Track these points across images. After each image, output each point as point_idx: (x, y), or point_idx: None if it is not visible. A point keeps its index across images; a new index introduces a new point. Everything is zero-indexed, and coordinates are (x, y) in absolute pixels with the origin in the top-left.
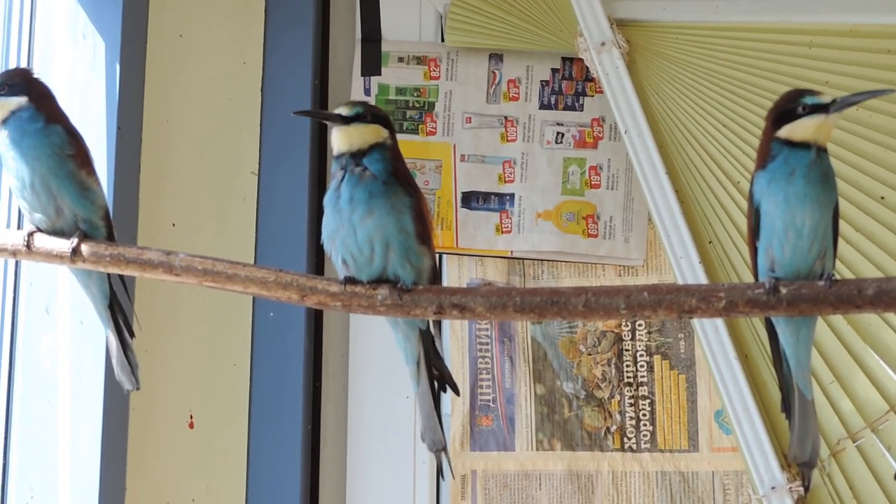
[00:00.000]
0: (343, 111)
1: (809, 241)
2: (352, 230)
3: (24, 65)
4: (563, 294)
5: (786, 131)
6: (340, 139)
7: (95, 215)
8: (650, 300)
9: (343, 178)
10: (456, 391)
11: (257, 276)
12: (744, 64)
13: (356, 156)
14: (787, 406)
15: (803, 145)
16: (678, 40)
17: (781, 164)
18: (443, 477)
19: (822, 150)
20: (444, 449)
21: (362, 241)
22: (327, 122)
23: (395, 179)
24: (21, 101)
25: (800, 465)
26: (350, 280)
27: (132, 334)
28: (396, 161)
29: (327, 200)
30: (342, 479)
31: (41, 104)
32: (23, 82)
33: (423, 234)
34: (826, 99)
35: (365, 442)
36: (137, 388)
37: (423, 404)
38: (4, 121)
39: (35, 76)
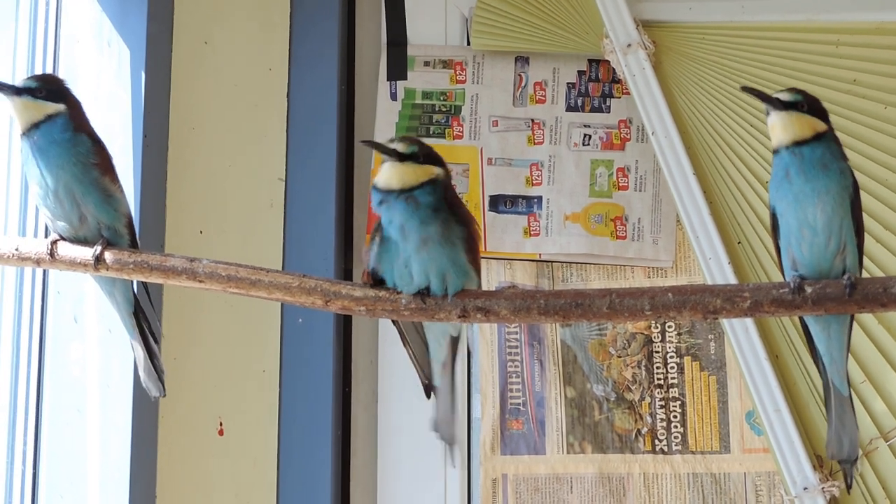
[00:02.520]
0: (400, 147)
1: (825, 236)
2: (406, 261)
3: (49, 73)
4: (588, 296)
5: None
6: (391, 176)
7: (119, 223)
8: (675, 301)
9: (393, 209)
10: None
11: (281, 281)
12: (770, 63)
13: (405, 191)
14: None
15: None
16: (704, 40)
17: (778, 168)
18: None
19: (802, 144)
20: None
21: (418, 272)
22: (383, 155)
23: (446, 210)
24: (59, 107)
25: (839, 461)
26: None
27: (157, 341)
28: (447, 193)
29: (386, 231)
30: (373, 485)
31: (73, 113)
32: (61, 89)
33: (474, 260)
34: (784, 97)
35: (395, 447)
36: (164, 395)
37: (444, 401)
38: (36, 125)
39: (69, 85)
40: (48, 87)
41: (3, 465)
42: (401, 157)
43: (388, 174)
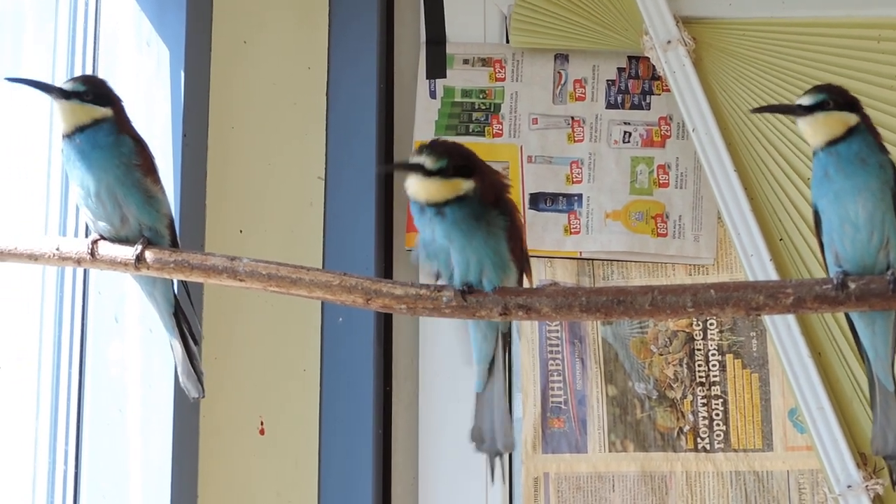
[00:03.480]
0: (427, 163)
1: (867, 232)
2: (448, 257)
3: (89, 73)
4: (630, 293)
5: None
6: (418, 191)
7: (160, 223)
8: (717, 298)
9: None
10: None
11: (321, 280)
12: (811, 59)
13: (438, 205)
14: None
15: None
16: (744, 36)
17: (817, 168)
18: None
19: (837, 142)
20: (500, 454)
21: (461, 263)
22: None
23: (484, 206)
24: (106, 112)
25: (884, 457)
26: (422, 285)
27: (196, 342)
28: (484, 194)
29: (421, 230)
30: (414, 484)
31: (119, 116)
32: (107, 93)
33: (516, 249)
34: (806, 101)
35: (436, 445)
36: (203, 397)
37: (494, 405)
38: (81, 128)
39: (113, 88)
40: (95, 91)
41: (45, 465)
42: (428, 173)
43: (415, 188)
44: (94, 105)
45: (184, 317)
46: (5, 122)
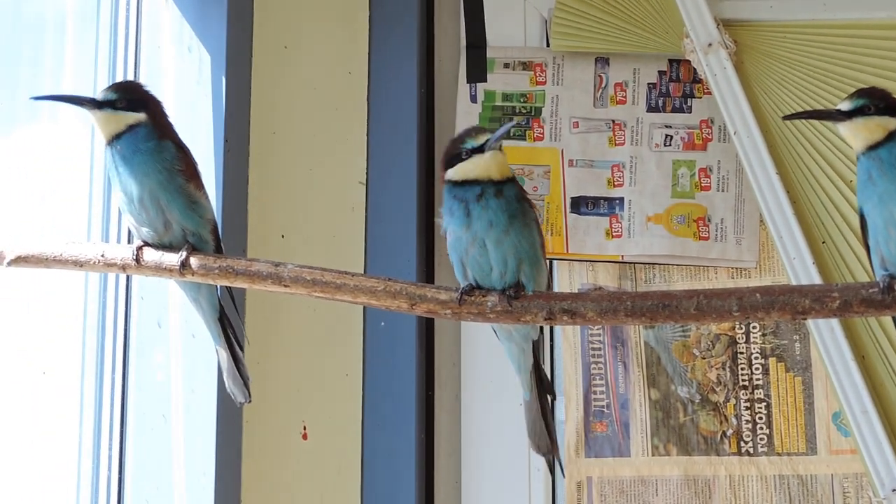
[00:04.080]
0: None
1: None
2: (485, 250)
3: (130, 79)
4: (675, 297)
5: None
6: (491, 166)
7: (204, 229)
8: (763, 302)
9: (474, 200)
10: (552, 395)
11: (366, 285)
12: (852, 61)
13: (498, 183)
14: None
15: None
16: (785, 39)
17: (861, 171)
18: (562, 474)
19: (878, 147)
20: (549, 453)
21: (497, 259)
22: (492, 142)
23: (522, 199)
24: (140, 117)
25: None
26: (467, 290)
27: (242, 347)
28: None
29: (456, 222)
30: (457, 488)
31: (157, 120)
32: (141, 98)
33: (544, 245)
34: (846, 105)
35: (479, 450)
36: (249, 401)
37: (530, 411)
38: (118, 135)
39: (149, 90)
40: (127, 97)
41: (89, 470)
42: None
43: (485, 164)
44: (127, 112)
45: (229, 322)
46: (47, 128)
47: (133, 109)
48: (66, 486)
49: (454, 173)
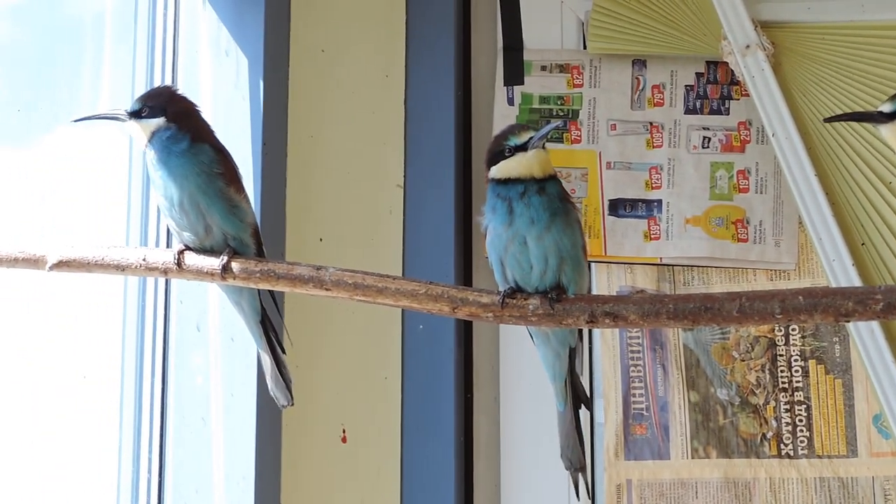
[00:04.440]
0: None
1: None
2: (525, 247)
3: (166, 84)
4: (717, 300)
5: None
6: (534, 164)
7: (245, 233)
8: (805, 304)
9: (517, 198)
10: (589, 407)
11: (408, 288)
12: (892, 62)
13: (541, 181)
14: None
15: None
16: (824, 40)
17: None
18: (588, 495)
19: None
20: (583, 468)
21: (537, 257)
22: (535, 140)
23: (565, 198)
24: (159, 122)
25: None
26: (509, 293)
27: (283, 350)
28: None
29: (498, 220)
30: (496, 491)
31: (183, 123)
32: (160, 103)
33: (586, 247)
34: (887, 107)
35: (518, 453)
36: (292, 404)
37: (564, 423)
38: (150, 141)
39: (176, 94)
40: (149, 104)
41: (129, 474)
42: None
43: (531, 161)
44: (148, 119)
45: (271, 325)
46: (85, 130)
47: (153, 115)
48: (107, 490)
49: (497, 171)
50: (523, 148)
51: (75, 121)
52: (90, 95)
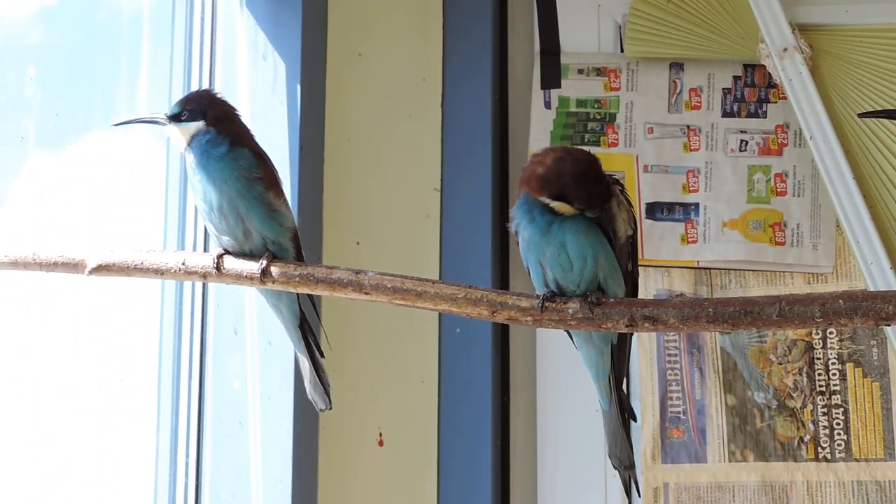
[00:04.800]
0: None
1: None
2: (565, 249)
3: (203, 88)
4: (757, 303)
5: None
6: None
7: (284, 237)
8: (845, 308)
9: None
10: (633, 415)
11: (447, 292)
12: None
13: None
14: None
15: None
16: (862, 43)
17: None
18: (637, 494)
19: None
20: (632, 466)
21: (576, 255)
22: None
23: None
24: (199, 125)
25: None
26: (548, 297)
27: (322, 354)
28: None
29: (534, 229)
30: (533, 495)
31: (223, 126)
32: (200, 106)
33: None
34: None
35: (555, 457)
36: (330, 408)
37: (611, 422)
38: (189, 145)
39: (216, 98)
40: (189, 108)
41: (166, 478)
42: None
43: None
44: (188, 122)
45: (309, 329)
46: (123, 133)
47: (193, 119)
48: (144, 494)
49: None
50: None
51: (114, 125)
52: (127, 100)
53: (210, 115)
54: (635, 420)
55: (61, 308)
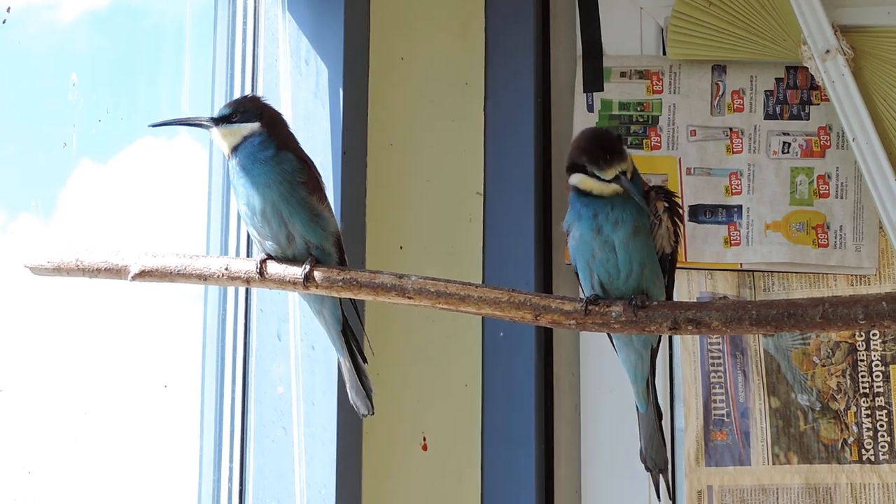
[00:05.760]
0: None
1: None
2: (614, 253)
3: (247, 93)
4: (800, 306)
5: None
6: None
7: (327, 242)
8: (889, 310)
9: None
10: (661, 415)
11: (490, 296)
12: None
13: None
14: None
15: None
16: None
17: None
18: (668, 496)
19: None
20: (665, 469)
21: (624, 261)
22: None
23: (647, 202)
24: (253, 126)
25: None
26: (592, 300)
27: (365, 359)
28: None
29: (584, 227)
30: (577, 499)
31: (273, 130)
32: (255, 108)
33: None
34: None
35: (598, 460)
36: (372, 413)
37: (648, 424)
38: (236, 148)
39: (266, 102)
40: (241, 110)
41: (210, 483)
42: None
43: (615, 189)
44: (241, 123)
45: (352, 334)
46: (166, 140)
47: (247, 120)
48: (189, 499)
49: (580, 183)
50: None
51: (152, 125)
52: (170, 106)
53: (264, 118)
54: (661, 419)
55: (105, 314)
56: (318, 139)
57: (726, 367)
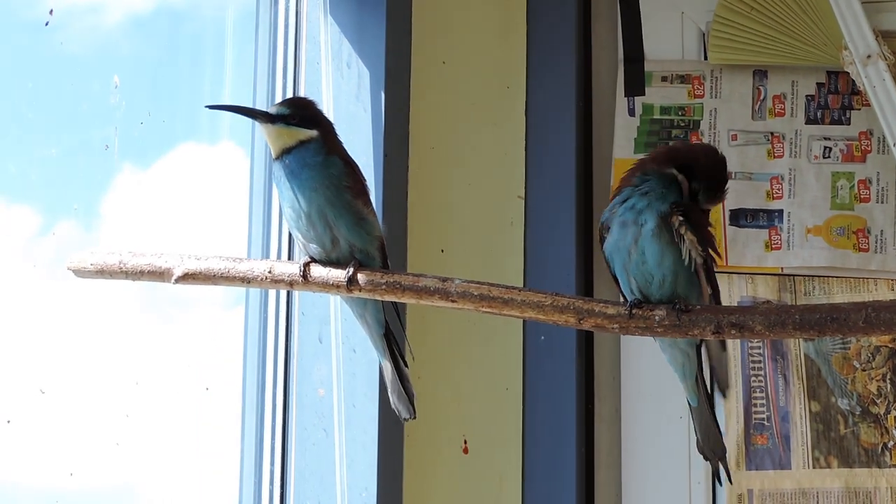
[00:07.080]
0: None
1: None
2: (644, 256)
3: (301, 96)
4: (843, 310)
5: None
6: None
7: (371, 246)
8: None
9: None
10: (715, 402)
11: (533, 300)
12: None
13: None
14: None
15: None
16: None
17: None
18: (729, 481)
19: None
20: (724, 456)
21: (653, 264)
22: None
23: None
24: (312, 133)
25: None
26: (636, 304)
27: (406, 363)
28: None
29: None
30: (618, 502)
31: (328, 138)
32: (314, 115)
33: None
34: None
35: (639, 464)
36: (414, 417)
37: (702, 417)
38: (288, 150)
39: (321, 109)
40: (301, 113)
41: (251, 485)
42: None
43: None
44: (301, 128)
45: (394, 338)
46: (207, 144)
47: (306, 126)
48: (230, 502)
49: None
50: None
51: (208, 106)
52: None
53: (323, 125)
54: (714, 409)
55: (147, 316)
56: (359, 142)
57: (767, 371)
